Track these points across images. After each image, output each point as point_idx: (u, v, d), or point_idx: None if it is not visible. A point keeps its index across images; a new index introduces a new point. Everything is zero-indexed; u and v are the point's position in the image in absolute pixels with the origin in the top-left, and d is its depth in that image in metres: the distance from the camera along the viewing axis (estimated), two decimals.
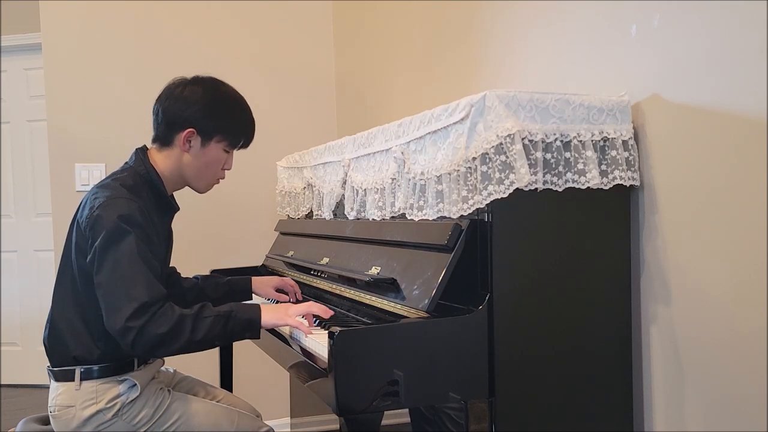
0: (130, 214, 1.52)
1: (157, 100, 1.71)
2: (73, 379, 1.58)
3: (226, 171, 1.78)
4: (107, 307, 1.48)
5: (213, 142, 1.69)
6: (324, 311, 1.58)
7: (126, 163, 1.73)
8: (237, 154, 2.98)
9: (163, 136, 1.69)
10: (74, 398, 1.58)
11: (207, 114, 1.66)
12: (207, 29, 2.99)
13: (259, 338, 1.62)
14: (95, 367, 1.59)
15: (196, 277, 2.04)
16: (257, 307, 1.58)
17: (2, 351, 4.36)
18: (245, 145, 1.77)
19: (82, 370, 1.58)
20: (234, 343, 2.44)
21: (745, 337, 1.24)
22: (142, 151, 1.72)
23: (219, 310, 1.53)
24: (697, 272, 1.34)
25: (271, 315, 1.57)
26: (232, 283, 2.04)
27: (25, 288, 4.34)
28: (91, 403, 1.58)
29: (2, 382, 4.32)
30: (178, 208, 1.80)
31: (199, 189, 1.77)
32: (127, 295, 1.46)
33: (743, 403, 1.25)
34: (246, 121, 1.75)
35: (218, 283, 2.03)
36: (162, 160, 1.70)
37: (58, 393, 1.60)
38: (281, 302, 1.98)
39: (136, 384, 1.61)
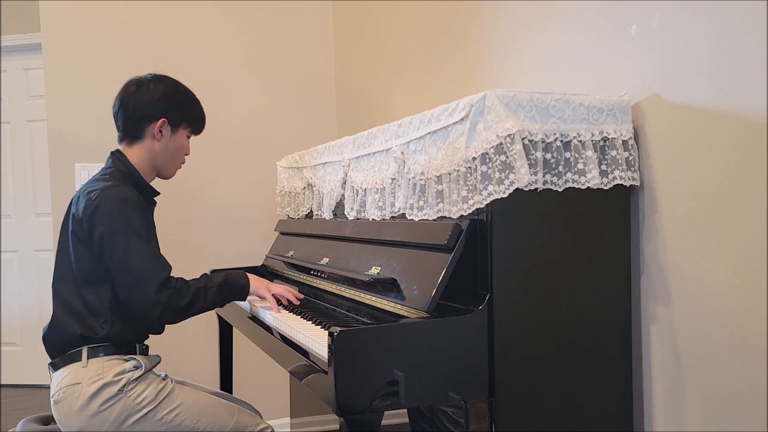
0: (128, 197, 1.71)
1: (119, 101, 1.87)
2: (80, 359, 1.68)
3: (186, 157, 1.98)
4: (130, 286, 1.66)
5: (180, 129, 1.89)
6: (295, 298, 1.89)
7: (104, 167, 1.85)
8: (237, 154, 3.01)
9: (134, 131, 1.85)
10: (81, 376, 1.66)
11: (174, 105, 1.87)
12: (207, 29, 2.99)
13: (245, 300, 1.94)
14: (101, 346, 1.69)
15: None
16: (246, 276, 1.87)
17: (2, 351, 4.36)
18: (200, 131, 1.98)
19: (89, 348, 1.68)
20: (234, 344, 2.45)
21: (745, 337, 1.24)
22: (118, 153, 1.87)
23: (218, 281, 1.79)
24: (697, 272, 1.34)
25: (255, 285, 1.88)
26: None
27: (25, 288, 4.34)
28: (98, 378, 1.65)
29: (2, 382, 4.32)
30: (158, 193, 1.93)
31: (168, 175, 1.94)
32: (148, 272, 1.66)
33: (743, 403, 1.25)
34: (202, 110, 1.96)
35: None
36: (135, 154, 1.86)
37: (64, 376, 1.67)
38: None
39: (141, 365, 1.70)
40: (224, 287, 1.78)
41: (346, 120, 3.11)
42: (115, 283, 1.68)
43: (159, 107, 1.84)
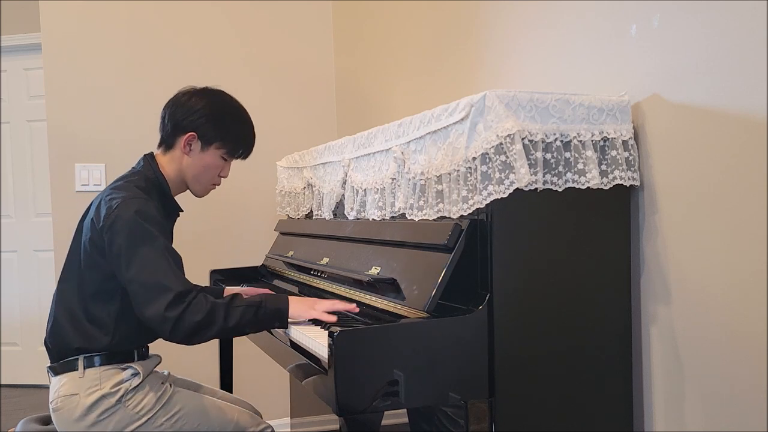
0: (147, 210, 1.61)
1: (165, 106, 1.81)
2: (76, 369, 1.63)
3: (222, 178, 1.87)
4: (143, 300, 1.55)
5: (212, 148, 1.78)
6: (350, 308, 1.59)
7: (134, 168, 1.80)
8: None
9: (168, 139, 1.79)
10: (78, 386, 1.62)
11: (208, 121, 1.76)
12: (207, 29, 2.99)
13: (287, 328, 1.64)
14: (97, 356, 1.64)
15: None
16: (286, 298, 1.64)
17: (2, 351, 4.36)
18: (244, 155, 1.86)
19: (84, 357, 1.64)
20: (234, 344, 2.45)
21: (745, 337, 1.24)
22: (150, 157, 1.80)
23: (250, 300, 1.60)
24: (697, 272, 1.34)
25: (298, 307, 1.62)
26: (206, 292, 2.02)
27: (25, 288, 4.34)
28: (95, 389, 1.62)
29: (2, 382, 4.32)
30: (182, 210, 1.87)
31: (196, 192, 1.86)
32: (162, 286, 1.54)
33: (743, 403, 1.25)
34: (245, 133, 1.83)
35: None
36: (167, 163, 1.79)
37: (61, 384, 1.64)
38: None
39: (139, 372, 1.66)
40: (254, 308, 1.59)
41: (346, 120, 3.11)
42: (130, 296, 1.59)
43: (192, 120, 1.75)
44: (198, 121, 1.75)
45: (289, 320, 1.62)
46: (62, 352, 1.66)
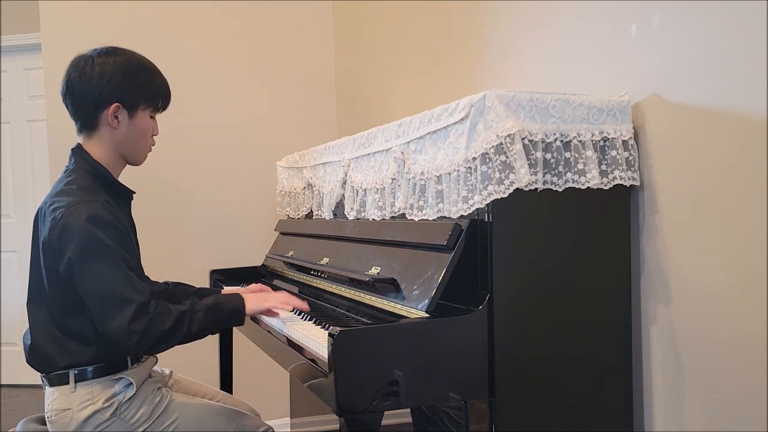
0: (96, 214, 1.52)
1: (64, 84, 1.66)
2: (67, 383, 1.58)
3: (155, 137, 1.76)
4: (103, 314, 1.49)
5: (140, 111, 1.67)
6: (301, 305, 1.70)
7: (67, 167, 1.69)
8: (237, 154, 3.01)
9: (87, 121, 1.65)
10: (70, 401, 1.58)
11: (126, 84, 1.63)
12: (207, 30, 2.99)
13: (242, 325, 1.72)
14: (89, 368, 1.58)
15: (166, 283, 2.00)
16: (240, 296, 1.68)
17: (2, 351, 4.36)
18: (165, 106, 1.75)
19: (75, 372, 1.58)
20: (234, 344, 2.45)
21: (745, 337, 1.24)
22: (79, 149, 1.68)
23: (207, 303, 1.61)
24: (697, 272, 1.34)
25: (252, 303, 1.68)
26: (201, 294, 2.01)
27: (25, 288, 4.33)
28: (87, 404, 1.57)
29: (2, 382, 4.32)
30: (134, 192, 1.77)
31: (137, 162, 1.74)
32: (121, 298, 1.48)
33: (743, 403, 1.25)
34: (162, 82, 1.73)
35: (187, 291, 2.01)
36: (97, 148, 1.66)
37: (54, 398, 1.59)
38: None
39: (132, 383, 1.61)
40: (213, 310, 1.59)
41: (346, 120, 3.11)
42: (89, 309, 1.53)
43: (109, 90, 1.61)
44: (116, 89, 1.62)
45: (246, 316, 1.67)
46: (51, 369, 1.60)
